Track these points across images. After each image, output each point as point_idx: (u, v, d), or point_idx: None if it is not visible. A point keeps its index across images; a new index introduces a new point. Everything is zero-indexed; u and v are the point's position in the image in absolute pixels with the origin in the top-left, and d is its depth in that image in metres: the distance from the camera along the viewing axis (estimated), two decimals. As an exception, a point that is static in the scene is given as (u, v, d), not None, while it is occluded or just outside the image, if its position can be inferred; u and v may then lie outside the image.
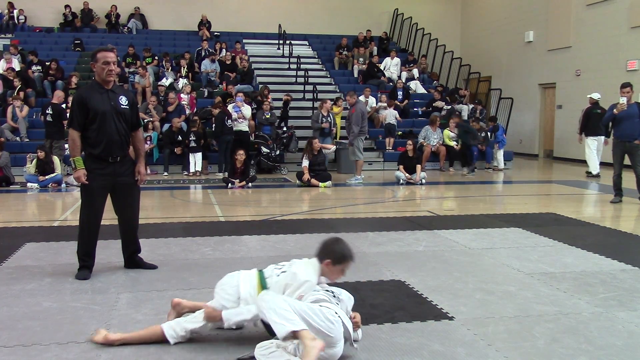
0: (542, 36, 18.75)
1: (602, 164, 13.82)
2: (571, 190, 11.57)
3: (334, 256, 3.60)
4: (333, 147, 12.86)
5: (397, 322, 4.01)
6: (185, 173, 13.45)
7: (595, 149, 13.43)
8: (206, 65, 17.47)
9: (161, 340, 3.61)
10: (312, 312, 3.27)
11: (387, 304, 4.38)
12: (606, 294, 4.67)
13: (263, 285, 3.64)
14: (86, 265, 5.09)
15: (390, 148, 15.35)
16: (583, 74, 16.88)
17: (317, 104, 16.41)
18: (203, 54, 18.14)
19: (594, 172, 13.38)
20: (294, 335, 3.14)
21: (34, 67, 16.48)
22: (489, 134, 15.43)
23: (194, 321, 3.66)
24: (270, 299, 3.30)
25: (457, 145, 14.78)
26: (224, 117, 13.30)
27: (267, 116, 14.54)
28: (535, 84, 19.17)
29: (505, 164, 15.22)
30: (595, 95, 13.64)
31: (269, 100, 15.14)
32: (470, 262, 5.70)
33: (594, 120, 13.17)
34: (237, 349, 3.54)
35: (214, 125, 13.81)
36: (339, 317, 3.34)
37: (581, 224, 7.73)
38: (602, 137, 13.24)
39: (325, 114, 13.72)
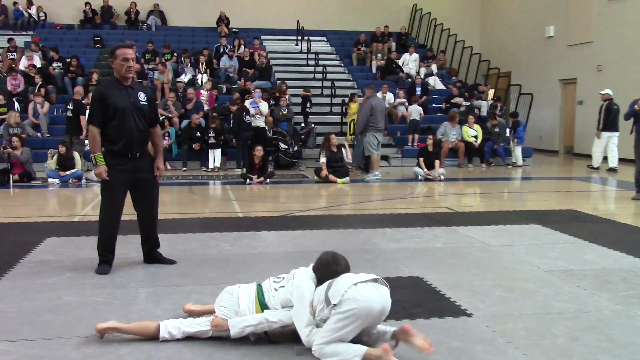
0: (562, 31, 18.54)
1: (620, 160, 13.91)
2: (592, 186, 11.45)
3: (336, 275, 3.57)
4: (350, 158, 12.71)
5: (415, 319, 4.00)
6: (204, 169, 13.51)
7: (604, 144, 13.88)
8: (224, 61, 17.51)
9: (154, 337, 3.59)
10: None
11: (405, 300, 4.36)
12: (627, 292, 4.62)
13: (260, 300, 3.65)
14: (106, 260, 5.13)
15: (410, 145, 15.29)
16: (604, 69, 16.67)
17: (336, 100, 16.44)
18: (221, 50, 18.18)
19: (595, 165, 13.99)
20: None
21: (54, 64, 16.65)
22: (507, 130, 15.31)
23: (196, 326, 3.64)
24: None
25: (476, 142, 14.70)
26: (242, 113, 13.32)
27: (284, 112, 14.56)
28: (555, 80, 18.97)
29: (524, 160, 15.08)
30: (609, 92, 13.90)
31: (287, 96, 15.14)
32: (489, 258, 5.66)
33: (613, 116, 13.58)
34: (259, 345, 3.55)
35: (232, 121, 13.84)
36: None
37: (602, 221, 7.65)
38: (617, 133, 13.63)
39: None
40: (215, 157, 13.47)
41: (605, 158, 13.99)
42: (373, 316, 3.28)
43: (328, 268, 3.55)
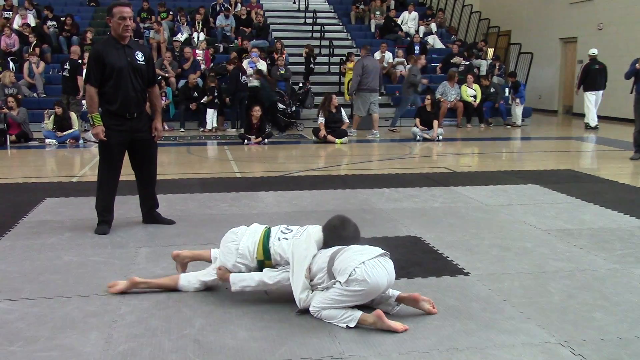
0: (564, -12, 18.28)
1: (599, 117, 14.31)
2: (590, 146, 11.45)
3: (347, 242, 3.50)
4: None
5: (413, 278, 4.04)
6: (202, 129, 13.46)
7: (593, 103, 14.15)
8: (220, 20, 17.27)
9: (176, 288, 3.77)
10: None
11: (402, 259, 4.38)
12: (623, 251, 4.66)
13: (264, 244, 3.61)
14: (105, 220, 5.15)
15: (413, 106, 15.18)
16: (606, 28, 16.49)
17: (334, 59, 16.27)
18: (218, 8, 17.91)
19: (592, 125, 14.08)
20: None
21: (49, 23, 16.40)
22: (506, 90, 15.21)
23: (208, 275, 3.78)
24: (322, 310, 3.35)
25: (475, 102, 14.61)
26: (239, 73, 13.20)
27: (282, 72, 14.43)
28: (555, 39, 18.77)
29: (523, 120, 15.02)
30: (593, 52, 14.15)
31: (284, 55, 14.99)
32: (487, 218, 5.69)
33: (592, 76, 14.02)
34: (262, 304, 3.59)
35: (228, 81, 13.71)
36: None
37: (600, 181, 7.67)
38: (601, 92, 14.10)
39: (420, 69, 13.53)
40: (213, 117, 13.39)
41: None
42: (378, 292, 3.34)
43: (335, 232, 3.54)
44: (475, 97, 14.68)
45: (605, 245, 4.79)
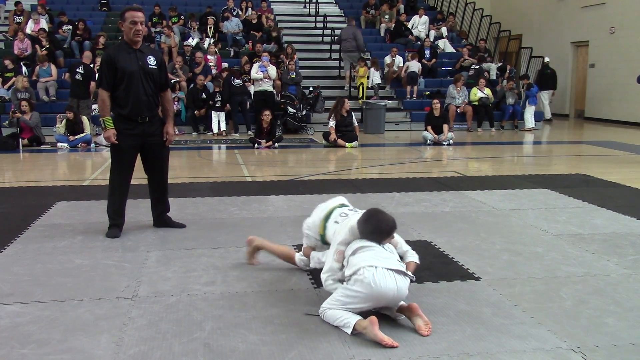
0: (575, -8, 18.21)
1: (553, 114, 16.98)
2: (602, 151, 11.37)
3: (373, 237, 3.46)
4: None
5: (423, 282, 4.02)
6: (210, 133, 13.49)
7: (547, 100, 16.70)
8: (227, 26, 17.29)
9: (292, 261, 4.24)
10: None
11: (413, 264, 4.38)
12: (635, 256, 4.62)
13: (324, 223, 3.85)
14: (116, 224, 5.18)
15: (413, 96, 15.22)
16: (617, 31, 16.40)
17: (343, 64, 16.28)
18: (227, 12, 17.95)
19: (547, 117, 16.73)
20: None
21: (64, 27, 16.46)
22: (521, 92, 15.29)
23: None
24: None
25: (487, 96, 14.58)
26: (231, 78, 13.34)
27: (292, 76, 14.45)
28: (567, 42, 18.69)
29: (534, 124, 14.97)
30: (547, 59, 16.66)
31: (294, 59, 15.01)
32: (498, 223, 5.66)
33: (545, 79, 16.52)
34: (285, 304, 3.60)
35: (222, 87, 13.62)
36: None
37: (612, 185, 7.62)
38: (552, 91, 16.78)
39: None
40: (220, 120, 13.42)
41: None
42: (383, 302, 3.31)
43: (360, 226, 3.49)
44: (487, 99, 14.64)
45: (618, 250, 4.76)
